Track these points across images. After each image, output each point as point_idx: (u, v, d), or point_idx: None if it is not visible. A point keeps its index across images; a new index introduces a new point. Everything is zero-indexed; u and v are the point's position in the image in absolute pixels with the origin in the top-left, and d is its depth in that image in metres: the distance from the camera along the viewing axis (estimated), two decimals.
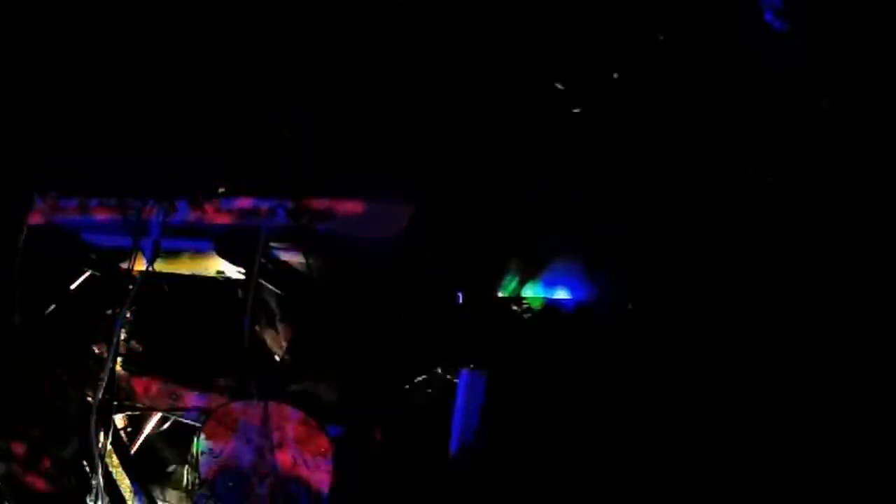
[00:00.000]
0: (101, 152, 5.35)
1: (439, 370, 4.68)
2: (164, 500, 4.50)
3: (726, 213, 4.97)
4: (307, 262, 4.23)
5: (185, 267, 4.51)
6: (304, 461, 3.90)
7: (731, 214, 4.96)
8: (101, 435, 4.17)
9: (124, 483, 4.39)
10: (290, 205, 4.00)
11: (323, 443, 3.94)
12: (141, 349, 4.61)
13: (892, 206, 4.67)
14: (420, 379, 4.71)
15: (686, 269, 5.01)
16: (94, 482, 4.20)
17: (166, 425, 4.71)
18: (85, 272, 4.46)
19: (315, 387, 4.79)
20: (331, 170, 5.00)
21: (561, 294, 4.84)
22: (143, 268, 4.22)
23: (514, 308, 4.90)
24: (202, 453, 3.98)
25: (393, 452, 4.54)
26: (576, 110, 5.23)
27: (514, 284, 4.76)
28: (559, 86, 5.25)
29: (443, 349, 4.74)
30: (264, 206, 4.05)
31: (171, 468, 4.71)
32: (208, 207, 4.11)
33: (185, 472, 4.39)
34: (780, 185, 4.88)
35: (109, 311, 4.42)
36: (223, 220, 4.12)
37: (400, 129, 5.15)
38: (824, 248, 4.76)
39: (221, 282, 4.54)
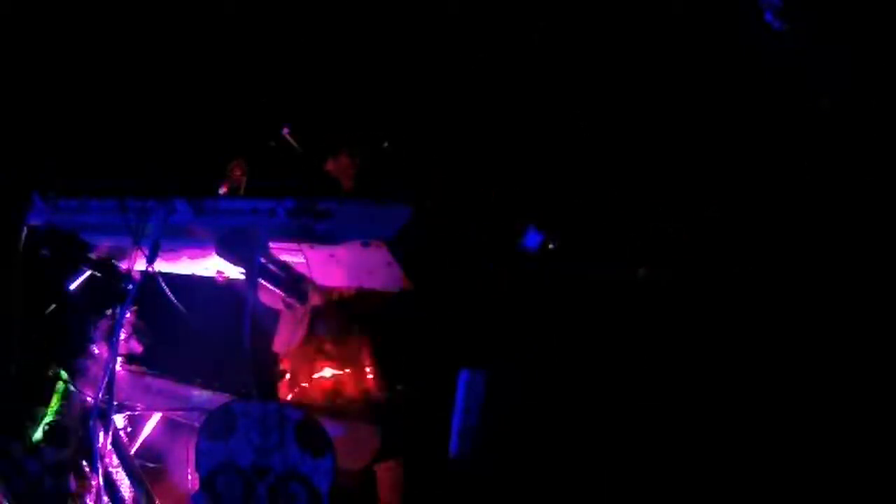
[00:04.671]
0: (101, 152, 5.35)
1: (438, 370, 4.68)
2: (164, 501, 4.50)
3: (726, 212, 4.97)
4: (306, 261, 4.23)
5: (184, 267, 4.51)
6: (304, 461, 3.90)
7: (731, 213, 4.96)
8: (101, 435, 4.17)
9: (124, 483, 4.39)
10: (290, 205, 4.00)
11: (323, 443, 3.93)
12: (141, 349, 4.62)
13: (893, 206, 4.67)
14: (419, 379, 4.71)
15: (686, 271, 5.00)
16: (93, 482, 4.20)
17: (166, 425, 4.71)
18: (85, 272, 4.46)
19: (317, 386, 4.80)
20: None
21: None
22: (143, 268, 4.21)
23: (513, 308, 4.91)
24: (202, 453, 3.98)
25: (393, 452, 4.54)
26: (575, 111, 5.23)
27: None
28: (558, 86, 5.25)
29: (444, 348, 4.74)
30: (264, 206, 4.04)
31: (170, 468, 4.71)
32: (208, 207, 4.11)
33: (186, 471, 4.39)
34: (779, 183, 4.88)
35: (109, 311, 4.42)
36: (223, 220, 4.12)
37: (399, 130, 5.15)
38: (824, 246, 4.76)
39: (221, 282, 4.54)
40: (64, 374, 4.40)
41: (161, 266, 4.25)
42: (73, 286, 4.49)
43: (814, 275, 4.77)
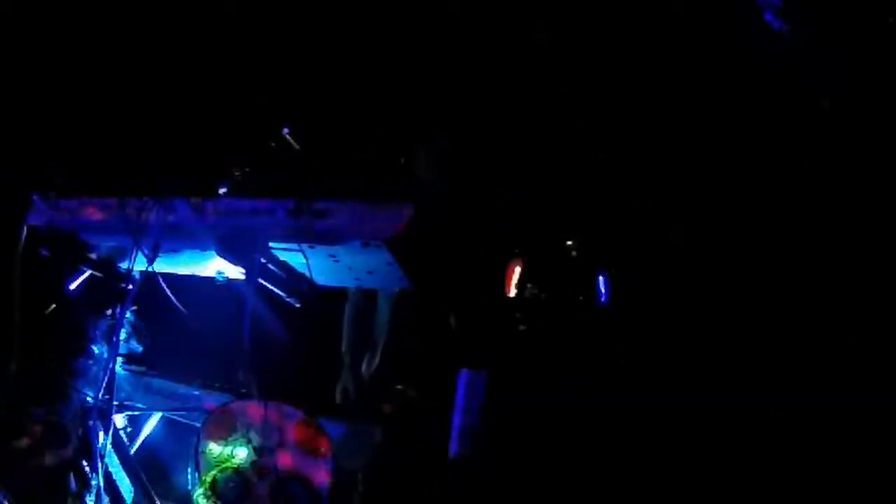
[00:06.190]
0: (101, 152, 5.35)
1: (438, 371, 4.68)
2: (164, 501, 4.50)
3: (727, 212, 4.97)
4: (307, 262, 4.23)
5: (184, 267, 4.51)
6: (304, 461, 3.90)
7: (731, 213, 4.97)
8: (101, 435, 4.17)
9: (124, 483, 4.39)
10: (290, 205, 4.00)
11: (323, 443, 3.94)
12: (141, 349, 4.61)
13: (892, 206, 4.67)
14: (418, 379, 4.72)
15: (687, 270, 5.01)
16: (94, 482, 4.20)
17: (166, 425, 4.71)
18: (85, 272, 4.46)
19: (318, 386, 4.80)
20: (330, 170, 5.00)
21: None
22: (143, 268, 4.21)
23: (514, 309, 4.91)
24: (202, 453, 3.98)
25: (393, 452, 4.54)
26: (575, 111, 5.23)
27: None
28: (559, 87, 5.25)
29: (443, 349, 4.74)
30: (264, 206, 4.04)
31: (171, 468, 4.71)
32: (208, 207, 4.11)
33: (186, 471, 4.39)
34: (780, 183, 4.88)
35: (109, 311, 4.42)
36: (223, 220, 4.12)
37: (398, 131, 5.15)
38: (824, 246, 4.76)
39: (221, 282, 4.54)
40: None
41: (161, 266, 4.25)
42: (73, 286, 4.48)
43: (811, 273, 4.77)
